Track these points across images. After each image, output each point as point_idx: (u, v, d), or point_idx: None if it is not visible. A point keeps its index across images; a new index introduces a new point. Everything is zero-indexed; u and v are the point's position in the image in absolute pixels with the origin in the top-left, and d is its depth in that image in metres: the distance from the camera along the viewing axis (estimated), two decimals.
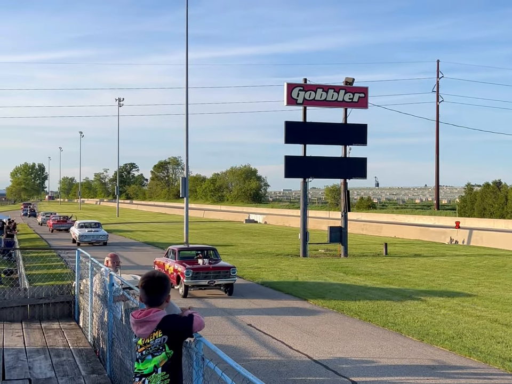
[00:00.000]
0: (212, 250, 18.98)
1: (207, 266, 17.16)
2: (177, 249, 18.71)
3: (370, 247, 34.07)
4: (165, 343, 4.45)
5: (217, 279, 17.05)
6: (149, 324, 4.52)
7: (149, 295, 4.69)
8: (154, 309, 4.62)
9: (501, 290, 18.70)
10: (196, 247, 21.03)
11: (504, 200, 62.90)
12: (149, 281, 4.73)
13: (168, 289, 4.77)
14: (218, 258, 18.50)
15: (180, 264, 17.45)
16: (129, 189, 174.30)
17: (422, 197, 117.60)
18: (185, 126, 38.67)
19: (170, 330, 4.44)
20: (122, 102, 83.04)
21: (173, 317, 4.54)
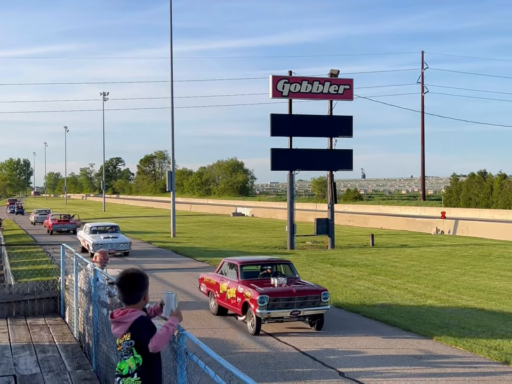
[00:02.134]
0: (286, 264, 13.97)
1: (288, 290, 12.25)
2: (239, 263, 13.45)
3: (357, 239, 34.19)
4: (132, 347, 4.38)
5: (304, 307, 12.11)
6: (122, 325, 4.46)
7: (124, 293, 4.60)
8: (131, 309, 4.53)
9: (487, 279, 18.85)
10: (263, 259, 15.30)
11: (489, 190, 63.36)
12: (123, 278, 4.62)
13: (144, 286, 4.64)
14: (296, 275, 13.52)
15: (246, 286, 12.56)
16: (116, 183, 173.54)
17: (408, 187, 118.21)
18: (171, 119, 38.57)
19: (135, 336, 4.38)
20: (107, 96, 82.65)
21: (143, 324, 4.43)
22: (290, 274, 13.51)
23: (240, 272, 13.11)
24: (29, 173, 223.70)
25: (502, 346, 10.87)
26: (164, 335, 4.34)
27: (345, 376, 9.34)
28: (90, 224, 28.78)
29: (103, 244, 25.05)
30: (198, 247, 30.14)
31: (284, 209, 39.32)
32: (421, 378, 9.28)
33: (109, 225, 29.17)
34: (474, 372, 9.57)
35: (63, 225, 40.18)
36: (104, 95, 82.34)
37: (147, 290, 4.69)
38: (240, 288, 12.60)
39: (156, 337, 4.34)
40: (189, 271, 21.40)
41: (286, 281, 12.63)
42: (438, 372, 9.59)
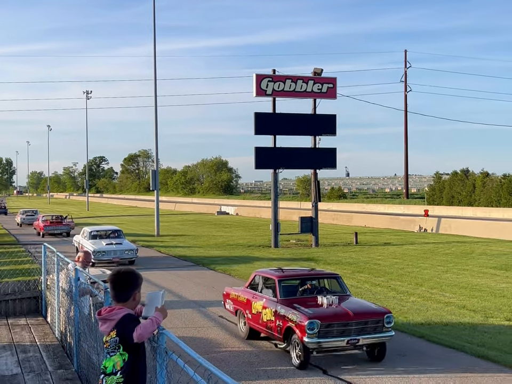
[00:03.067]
0: (334, 278, 11.55)
1: (343, 312, 9.87)
2: (278, 277, 10.98)
3: (341, 237, 34.31)
4: (119, 343, 4.39)
5: (363, 334, 9.77)
6: (109, 322, 4.47)
7: (115, 290, 4.63)
8: (118, 306, 4.55)
9: (469, 277, 18.99)
10: (306, 272, 12.47)
11: (471, 188, 63.89)
12: (116, 276, 4.67)
13: (136, 285, 4.66)
14: (347, 292, 11.18)
15: (288, 306, 10.13)
16: (99, 182, 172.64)
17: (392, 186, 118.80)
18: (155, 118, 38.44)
19: (120, 333, 4.39)
20: (90, 95, 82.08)
21: (128, 320, 4.43)
22: (338, 290, 11.05)
23: (280, 288, 10.66)
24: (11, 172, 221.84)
25: (483, 343, 10.96)
26: (148, 325, 4.37)
27: (328, 374, 9.37)
28: (89, 228, 25.03)
29: (105, 252, 22.11)
30: (182, 246, 30.06)
31: (268, 207, 39.37)
32: (403, 375, 9.33)
33: (110, 230, 25.52)
34: (457, 368, 9.63)
35: (56, 227, 36.67)
36: (87, 93, 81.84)
37: (138, 290, 4.70)
38: (280, 309, 10.20)
39: (140, 326, 4.37)
40: (173, 270, 21.35)
41: (337, 300, 10.20)
42: (421, 369, 9.65)
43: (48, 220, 37.50)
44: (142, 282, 4.77)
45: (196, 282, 18.51)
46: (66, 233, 36.36)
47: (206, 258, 24.62)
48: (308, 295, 10.72)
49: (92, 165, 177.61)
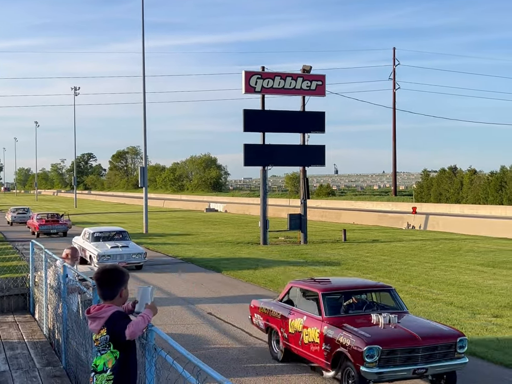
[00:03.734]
0: (386, 290, 9.78)
1: (408, 335, 8.25)
2: (322, 290, 9.26)
3: (330, 234, 34.40)
4: (109, 341, 4.39)
5: (432, 362, 8.22)
6: (98, 320, 4.47)
7: (101, 287, 4.64)
8: (107, 304, 4.55)
9: (456, 274, 19.11)
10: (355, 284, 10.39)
11: (459, 185, 64.27)
12: (101, 273, 4.67)
13: (122, 282, 4.66)
14: (404, 308, 9.42)
15: (339, 328, 8.46)
16: (87, 179, 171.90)
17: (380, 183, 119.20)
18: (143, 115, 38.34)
19: (110, 330, 4.39)
20: (78, 91, 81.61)
21: (117, 317, 4.44)
22: (392, 305, 9.36)
23: (325, 304, 8.96)
24: None
25: (470, 340, 11.01)
26: (139, 322, 4.37)
27: (316, 370, 9.40)
28: (91, 229, 22.87)
29: (110, 256, 19.90)
30: (171, 243, 30.02)
31: (257, 204, 39.39)
32: None
33: (115, 231, 23.22)
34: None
35: (52, 226, 34.13)
36: (75, 89, 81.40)
37: (125, 287, 4.69)
38: (328, 330, 8.54)
39: (132, 324, 4.37)
40: (162, 267, 21.32)
41: (396, 318, 8.54)
42: None
43: (43, 219, 35.28)
44: (128, 279, 4.77)
45: (185, 279, 18.49)
46: (63, 232, 34.36)
47: (195, 255, 24.59)
48: (357, 311, 9.05)
49: (80, 161, 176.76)
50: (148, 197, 40.00)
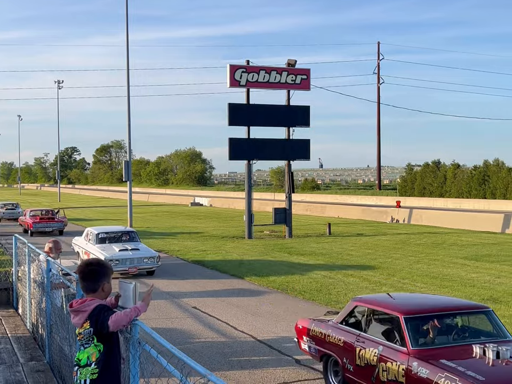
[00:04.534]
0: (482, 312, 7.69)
1: None
2: (404, 314, 7.17)
3: (314, 228, 34.50)
4: (93, 335, 4.38)
5: None
6: (81, 314, 4.45)
7: (84, 281, 4.63)
8: (89, 298, 4.54)
9: (440, 267, 19.26)
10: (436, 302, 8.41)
11: (443, 179, 64.74)
12: (84, 267, 4.67)
13: (104, 275, 4.64)
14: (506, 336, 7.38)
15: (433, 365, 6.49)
16: (71, 173, 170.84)
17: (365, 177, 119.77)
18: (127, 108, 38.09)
19: (94, 323, 4.38)
20: (61, 85, 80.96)
21: (100, 309, 4.42)
22: (489, 330, 7.41)
23: (410, 332, 6.94)
24: None
25: None
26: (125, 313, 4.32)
27: (301, 364, 9.44)
28: (95, 229, 20.16)
29: (119, 260, 17.44)
30: (156, 237, 29.93)
31: (242, 198, 39.40)
32: None
33: (121, 231, 20.43)
34: None
35: (47, 223, 31.50)
36: (58, 83, 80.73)
37: (107, 281, 4.68)
38: (418, 368, 6.54)
39: (116, 314, 4.35)
40: None
41: (509, 353, 6.52)
42: None
43: (37, 216, 32.51)
44: (111, 273, 4.76)
45: (169, 273, 18.46)
46: (59, 231, 31.92)
47: (180, 249, 24.55)
48: (452, 341, 7.12)
49: (64, 155, 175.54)
50: (132, 191, 39.79)
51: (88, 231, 19.96)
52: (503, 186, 57.59)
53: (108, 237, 19.32)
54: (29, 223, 31.41)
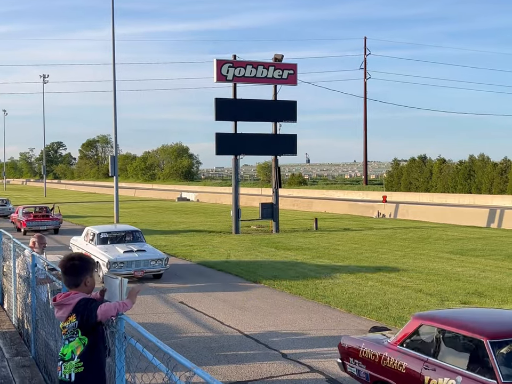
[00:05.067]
0: None
1: None
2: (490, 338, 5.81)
3: (301, 223, 34.57)
4: (78, 328, 4.36)
5: None
6: (65, 307, 4.44)
7: (66, 276, 4.62)
8: (73, 291, 4.53)
9: (426, 261, 19.38)
10: None
11: (429, 174, 65.08)
12: (66, 262, 4.65)
13: (87, 270, 4.63)
14: None
15: None
16: (57, 168, 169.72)
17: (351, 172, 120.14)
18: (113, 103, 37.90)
19: (79, 315, 4.37)
20: (47, 79, 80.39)
21: (86, 301, 4.42)
22: None
23: (499, 360, 5.70)
24: None
25: None
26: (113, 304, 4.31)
27: (287, 358, 9.47)
28: (96, 228, 18.58)
29: (124, 263, 16.00)
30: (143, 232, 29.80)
31: (229, 194, 39.37)
32: None
33: (125, 230, 18.82)
34: None
35: (42, 222, 29.37)
36: (44, 77, 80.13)
37: (90, 275, 4.67)
38: None
39: (105, 304, 4.34)
40: None
41: None
42: None
43: (31, 213, 30.57)
44: (94, 267, 4.76)
45: None
46: (55, 229, 29.85)
47: (167, 244, 24.50)
48: None
49: (49, 150, 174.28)
50: (118, 186, 39.64)
51: (88, 231, 18.47)
52: (488, 181, 58.02)
53: (110, 237, 17.78)
54: (22, 221, 29.36)
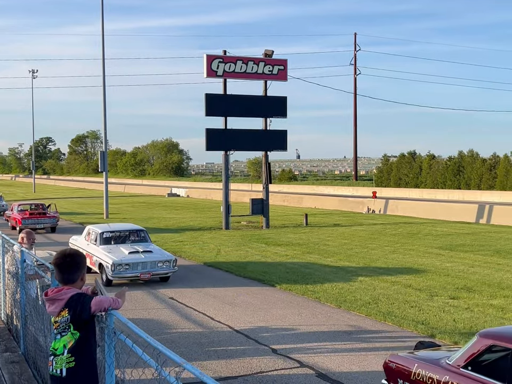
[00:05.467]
0: None
1: None
2: None
3: (291, 218, 34.61)
4: (70, 322, 4.37)
5: None
6: (57, 302, 4.44)
7: (62, 272, 4.60)
8: (66, 287, 4.53)
9: (415, 257, 19.46)
10: None
11: (418, 170, 65.32)
12: (62, 258, 4.64)
13: (83, 266, 4.69)
14: None
15: None
16: (46, 164, 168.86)
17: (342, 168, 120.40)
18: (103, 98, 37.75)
19: (72, 310, 4.37)
20: (36, 74, 79.89)
21: (78, 296, 4.44)
22: None
23: None
24: None
25: (428, 321, 11.28)
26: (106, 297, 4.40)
27: (278, 353, 9.49)
28: (98, 227, 17.24)
29: (129, 265, 14.89)
30: None
31: (219, 189, 39.33)
32: (351, 353, 9.53)
33: (128, 229, 17.38)
34: (402, 346, 9.87)
35: (38, 219, 27.75)
36: (33, 72, 79.63)
37: (85, 270, 4.70)
38: None
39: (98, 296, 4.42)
40: None
41: None
42: (368, 347, 9.87)
43: (27, 210, 28.81)
44: (86, 262, 4.78)
45: None
46: (52, 228, 28.53)
47: (156, 240, 24.44)
48: None
49: (39, 146, 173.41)
50: (108, 181, 39.56)
51: (89, 230, 17.27)
52: (477, 177, 58.31)
53: (114, 236, 16.59)
54: (18, 219, 27.65)
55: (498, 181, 56.13)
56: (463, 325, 10.95)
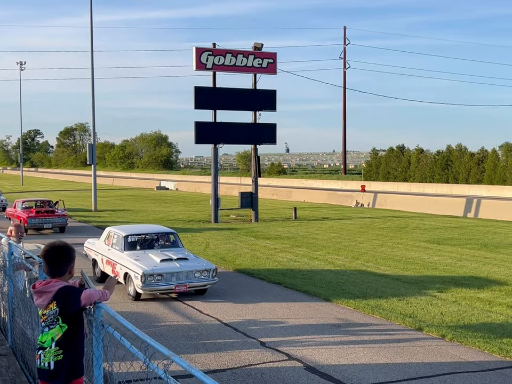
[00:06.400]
0: None
1: None
2: None
3: (280, 212, 34.65)
4: (58, 315, 4.35)
5: None
6: (45, 295, 4.42)
7: (50, 265, 4.58)
8: (54, 279, 4.51)
9: (403, 250, 19.56)
10: None
11: (407, 164, 65.52)
12: (50, 251, 4.61)
13: (71, 259, 4.66)
14: None
15: None
16: (34, 156, 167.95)
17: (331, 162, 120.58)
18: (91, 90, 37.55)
19: (61, 302, 4.36)
20: (24, 66, 79.24)
21: (67, 289, 4.42)
22: None
23: None
24: None
25: (416, 314, 11.35)
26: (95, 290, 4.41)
27: (266, 346, 9.51)
28: (120, 229, 14.74)
29: (162, 275, 12.44)
30: (121, 221, 29.67)
31: (208, 183, 39.30)
32: (339, 346, 9.57)
33: (157, 232, 14.64)
34: (390, 338, 9.94)
35: (46, 218, 24.59)
36: (21, 64, 78.99)
37: (73, 263, 4.68)
38: None
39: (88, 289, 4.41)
40: None
41: None
42: (356, 340, 9.91)
43: (32, 208, 25.82)
44: (75, 255, 4.75)
45: None
46: (60, 228, 25.40)
47: None
48: None
49: (26, 138, 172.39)
50: (97, 174, 39.40)
51: (110, 232, 14.69)
52: (465, 171, 58.59)
53: (140, 240, 14.07)
54: (23, 217, 24.63)
55: (486, 175, 56.44)
56: (450, 318, 11.03)
